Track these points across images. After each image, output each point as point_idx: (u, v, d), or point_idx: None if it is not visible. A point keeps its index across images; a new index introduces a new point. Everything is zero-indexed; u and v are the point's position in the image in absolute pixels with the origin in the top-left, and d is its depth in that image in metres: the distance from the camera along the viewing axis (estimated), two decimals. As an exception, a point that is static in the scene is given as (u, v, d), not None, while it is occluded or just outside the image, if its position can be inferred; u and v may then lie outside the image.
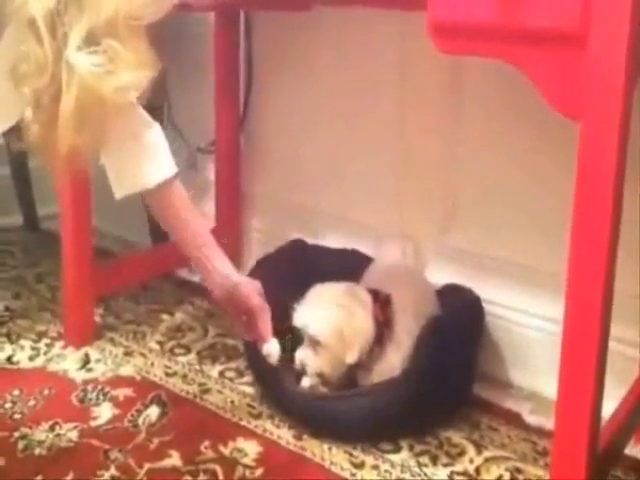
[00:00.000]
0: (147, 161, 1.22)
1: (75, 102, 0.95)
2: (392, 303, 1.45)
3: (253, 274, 1.64)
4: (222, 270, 1.29)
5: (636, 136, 1.03)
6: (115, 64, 0.96)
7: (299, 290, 1.59)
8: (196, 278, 1.99)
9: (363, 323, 1.41)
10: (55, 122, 0.99)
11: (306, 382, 1.44)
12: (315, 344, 1.41)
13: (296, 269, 1.65)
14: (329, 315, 1.41)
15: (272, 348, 1.33)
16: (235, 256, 1.95)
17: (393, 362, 1.41)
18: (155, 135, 1.24)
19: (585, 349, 1.01)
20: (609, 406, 1.19)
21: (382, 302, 1.45)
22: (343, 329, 1.40)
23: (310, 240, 1.76)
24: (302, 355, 1.43)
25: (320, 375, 1.42)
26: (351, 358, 1.40)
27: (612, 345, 1.08)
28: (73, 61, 0.94)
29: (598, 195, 0.98)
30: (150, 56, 1.01)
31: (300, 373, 1.44)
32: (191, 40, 1.97)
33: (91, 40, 0.95)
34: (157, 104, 1.94)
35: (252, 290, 1.30)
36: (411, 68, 1.62)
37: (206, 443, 1.36)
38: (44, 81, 0.95)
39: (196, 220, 1.30)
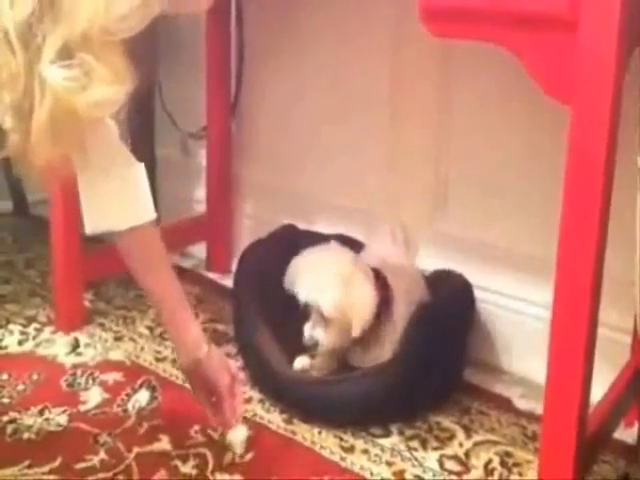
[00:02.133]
0: (126, 201, 1.17)
1: (48, 115, 0.92)
2: (390, 285, 1.45)
3: (243, 259, 1.64)
4: (191, 336, 1.20)
5: (626, 120, 1.03)
6: (89, 78, 0.93)
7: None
8: (186, 264, 1.99)
9: (368, 296, 1.41)
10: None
11: (299, 363, 1.44)
12: (326, 320, 1.41)
13: (287, 254, 1.64)
14: (338, 291, 1.40)
15: (236, 437, 1.29)
16: (226, 242, 1.95)
17: (387, 346, 1.41)
18: (138, 175, 1.19)
19: (574, 334, 1.02)
20: (598, 392, 1.19)
21: (382, 281, 1.45)
22: (350, 303, 1.39)
23: (301, 226, 1.76)
24: (314, 332, 1.42)
25: (331, 352, 1.42)
26: (356, 331, 1.40)
27: (601, 331, 1.08)
28: (46, 74, 0.91)
29: (588, 179, 0.98)
30: (126, 70, 0.97)
31: (303, 349, 1.43)
32: (182, 26, 1.96)
33: (65, 53, 0.92)
34: (149, 90, 1.94)
35: (222, 368, 1.20)
36: (403, 54, 1.62)
37: (196, 427, 1.36)
38: (18, 91, 0.93)
39: (168, 274, 1.21)
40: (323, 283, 1.41)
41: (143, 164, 1.21)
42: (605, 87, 0.95)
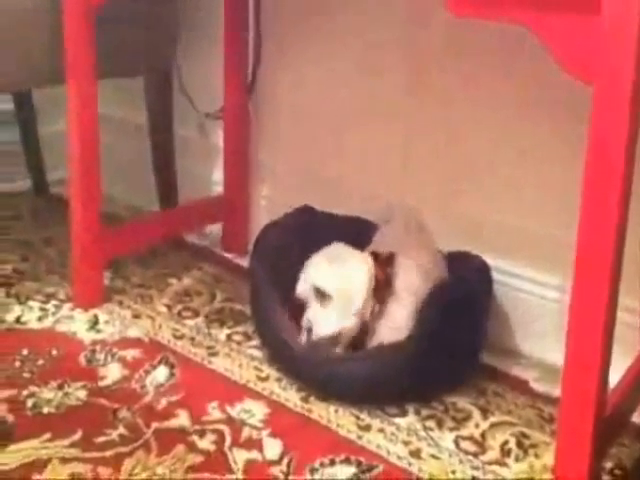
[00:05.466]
0: None
1: None
2: (394, 262, 1.46)
3: (260, 240, 1.64)
4: None
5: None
6: None
7: (306, 257, 1.60)
8: (204, 243, 2.00)
9: (363, 269, 1.44)
10: None
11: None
12: (326, 299, 1.42)
13: (303, 235, 1.65)
14: (330, 266, 1.45)
15: None
16: (243, 222, 1.96)
17: (396, 318, 1.42)
18: None
19: (593, 317, 1.02)
20: (616, 375, 1.19)
21: (382, 262, 1.46)
22: (346, 275, 1.43)
23: (318, 207, 1.76)
24: (313, 315, 1.44)
25: (341, 337, 1.43)
26: (357, 304, 1.41)
27: (620, 314, 1.08)
28: None
29: (610, 160, 0.97)
30: None
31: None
32: (200, 5, 1.96)
33: None
34: (167, 70, 1.94)
35: None
36: (421, 34, 1.61)
37: (213, 404, 1.37)
38: None
39: None
40: (316, 265, 1.46)
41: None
42: (628, 67, 0.95)
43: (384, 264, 1.46)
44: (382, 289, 1.44)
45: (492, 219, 1.58)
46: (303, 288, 1.48)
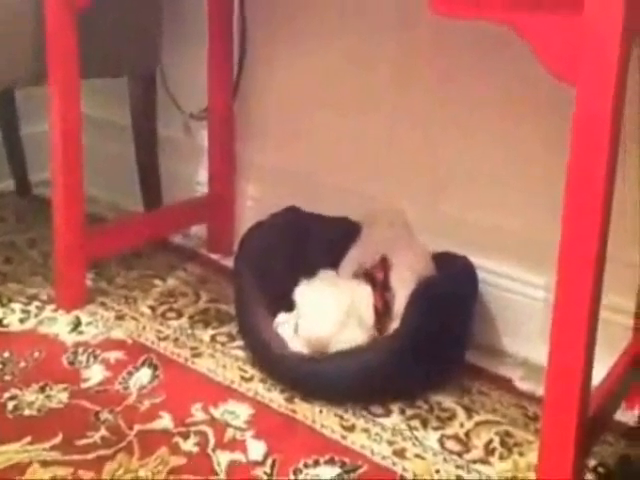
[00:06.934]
0: None
1: None
2: (389, 272, 1.46)
3: (245, 241, 1.64)
4: None
5: (632, 101, 1.03)
6: None
7: (291, 258, 1.60)
8: (189, 244, 1.99)
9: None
10: None
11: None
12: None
13: (289, 236, 1.65)
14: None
15: None
16: (228, 223, 1.95)
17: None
18: None
19: (576, 316, 1.02)
20: (600, 373, 1.19)
21: (380, 287, 1.45)
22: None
23: (304, 208, 1.75)
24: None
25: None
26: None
27: (603, 313, 1.08)
28: None
29: (592, 160, 0.98)
30: None
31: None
32: (184, 5, 1.96)
33: None
34: (151, 70, 1.93)
35: None
36: (409, 31, 1.61)
37: (197, 405, 1.36)
38: None
39: None
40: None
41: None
42: (610, 67, 0.95)
43: (382, 288, 1.45)
44: (382, 319, 1.43)
45: (477, 218, 1.58)
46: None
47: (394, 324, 1.43)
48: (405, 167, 1.68)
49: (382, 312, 1.43)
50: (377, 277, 1.46)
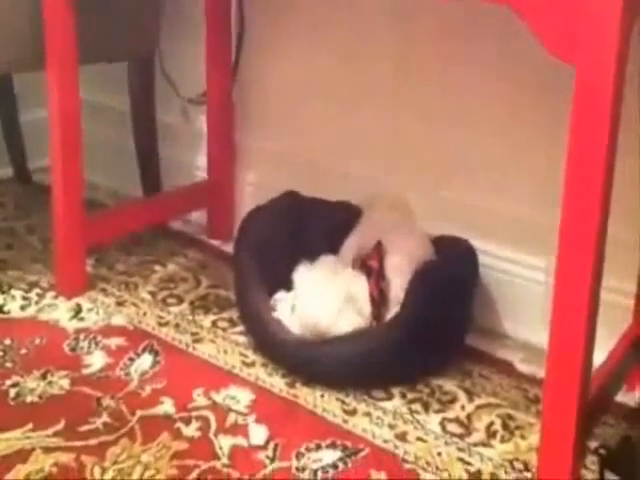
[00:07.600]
0: None
1: None
2: (384, 265, 1.46)
3: (244, 226, 1.63)
4: None
5: (632, 81, 1.02)
6: None
7: (291, 243, 1.60)
8: (189, 230, 1.99)
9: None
10: None
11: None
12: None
13: (288, 221, 1.64)
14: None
15: None
16: (228, 208, 1.95)
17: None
18: None
19: (577, 298, 1.02)
20: (600, 355, 1.19)
21: (375, 276, 1.44)
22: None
23: (303, 192, 1.75)
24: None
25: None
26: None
27: (603, 294, 1.08)
28: None
29: (593, 140, 0.97)
30: None
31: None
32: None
33: None
34: (149, 55, 1.92)
35: None
36: (409, 17, 1.60)
37: (198, 391, 1.36)
38: None
39: None
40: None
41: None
42: (610, 46, 0.94)
43: (376, 278, 1.44)
44: (378, 307, 1.43)
45: (478, 202, 1.58)
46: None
47: (390, 312, 1.42)
48: (406, 152, 1.67)
49: (378, 301, 1.43)
50: (372, 266, 1.45)
